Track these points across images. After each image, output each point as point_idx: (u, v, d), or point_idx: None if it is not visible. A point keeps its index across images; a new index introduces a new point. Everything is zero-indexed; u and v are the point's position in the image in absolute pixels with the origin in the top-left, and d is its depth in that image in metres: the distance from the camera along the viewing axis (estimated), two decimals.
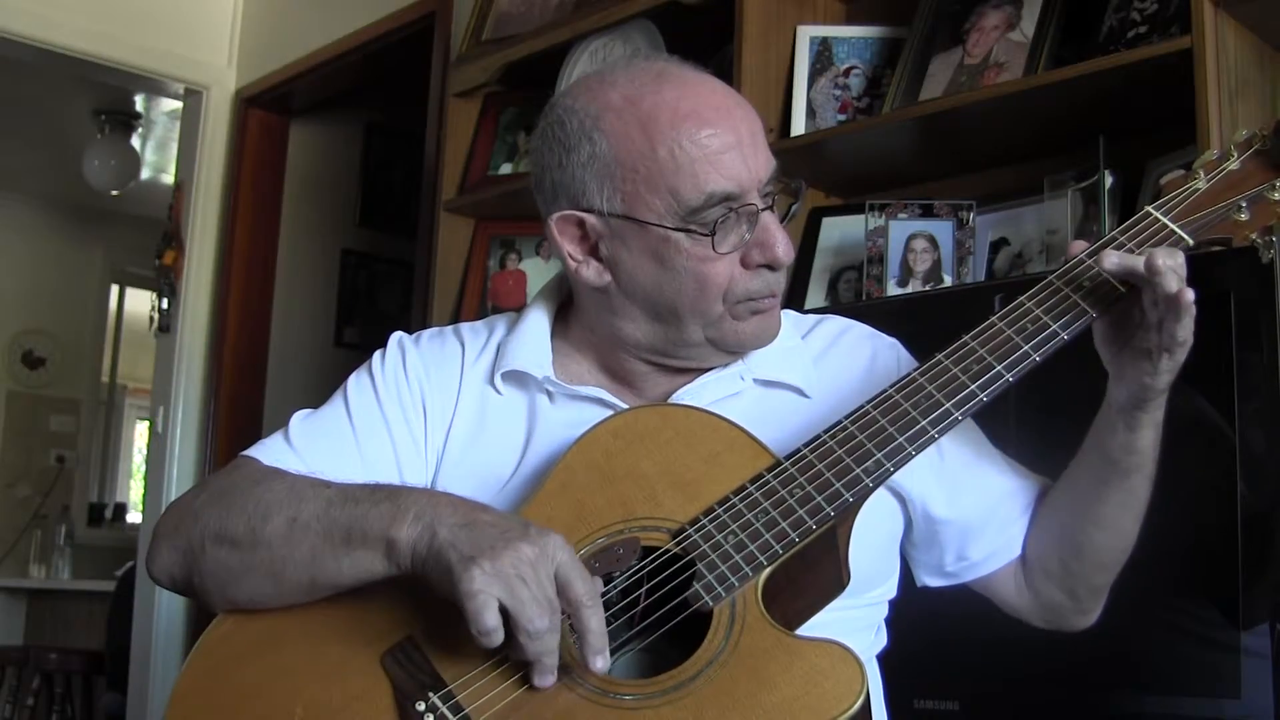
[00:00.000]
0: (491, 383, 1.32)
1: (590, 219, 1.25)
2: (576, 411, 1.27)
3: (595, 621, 1.04)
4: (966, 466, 1.31)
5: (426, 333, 1.40)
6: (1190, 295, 1.09)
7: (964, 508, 1.30)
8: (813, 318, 1.40)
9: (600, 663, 1.04)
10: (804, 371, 1.32)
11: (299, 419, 1.32)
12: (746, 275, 1.23)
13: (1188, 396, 1.68)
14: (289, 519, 1.15)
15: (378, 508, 1.12)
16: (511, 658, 1.06)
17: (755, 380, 1.30)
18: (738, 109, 1.24)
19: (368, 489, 1.16)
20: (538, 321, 1.35)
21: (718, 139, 1.20)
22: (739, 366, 1.30)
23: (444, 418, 1.31)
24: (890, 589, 1.32)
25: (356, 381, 1.34)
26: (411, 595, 1.13)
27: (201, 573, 1.20)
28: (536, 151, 1.30)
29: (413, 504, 1.11)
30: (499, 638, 1.02)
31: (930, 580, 1.36)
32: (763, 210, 1.22)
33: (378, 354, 1.37)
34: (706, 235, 1.20)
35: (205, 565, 1.19)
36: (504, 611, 1.02)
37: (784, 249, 1.23)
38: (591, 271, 1.27)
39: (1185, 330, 1.11)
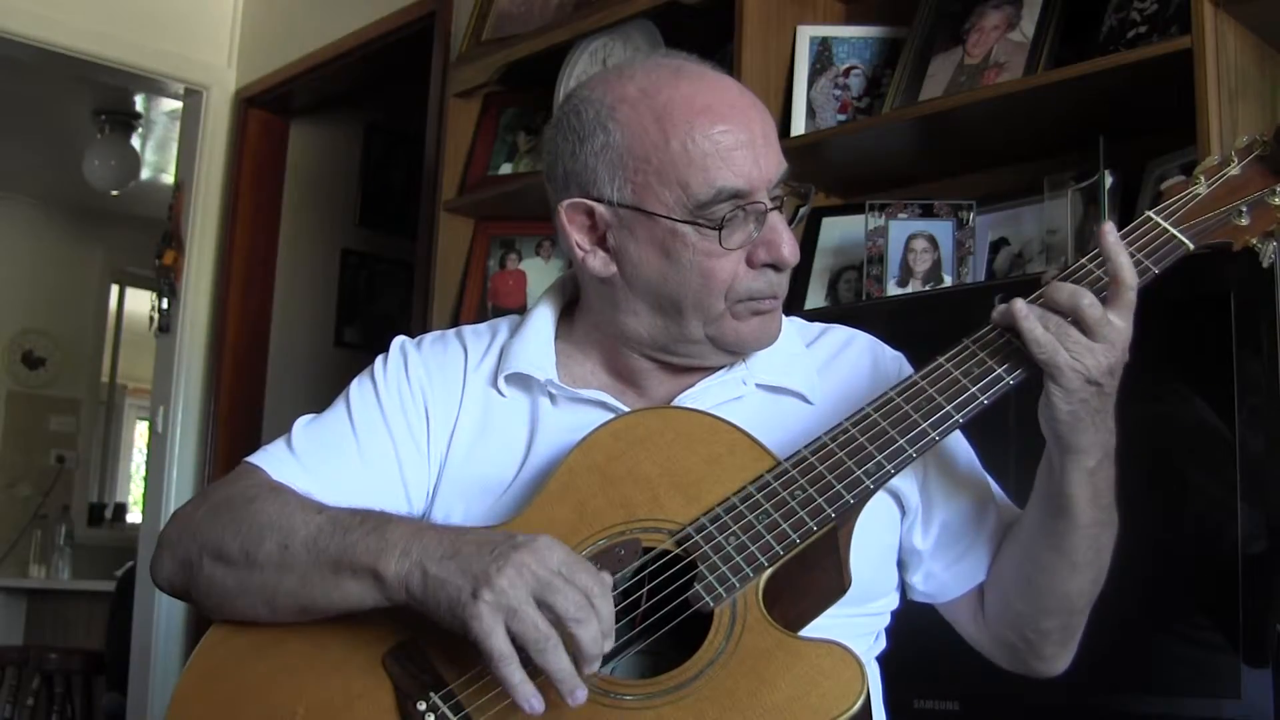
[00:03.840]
0: (495, 385, 1.32)
1: (600, 208, 1.25)
2: (578, 414, 1.27)
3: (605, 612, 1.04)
4: (944, 494, 1.30)
5: (428, 336, 1.40)
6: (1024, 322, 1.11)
7: (934, 531, 1.30)
8: (818, 326, 1.40)
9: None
10: (807, 378, 1.32)
11: (301, 425, 1.32)
12: (750, 274, 1.23)
13: (1187, 399, 1.69)
14: (280, 545, 1.15)
15: (365, 540, 1.11)
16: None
17: (758, 385, 1.30)
18: (752, 108, 1.24)
19: (358, 517, 1.15)
20: (541, 323, 1.35)
21: (730, 135, 1.20)
22: (741, 371, 1.30)
23: (447, 422, 1.31)
24: (893, 600, 1.32)
25: (358, 387, 1.34)
26: None
27: (198, 587, 1.21)
28: (550, 141, 1.30)
29: (399, 538, 1.10)
30: (517, 668, 1.02)
31: (912, 596, 1.36)
32: (771, 210, 1.23)
33: (379, 359, 1.36)
34: (714, 230, 1.20)
35: (202, 580, 1.20)
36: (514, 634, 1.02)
37: (790, 249, 1.23)
38: (598, 261, 1.27)
39: (1046, 351, 1.10)
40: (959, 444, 1.33)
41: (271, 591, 1.15)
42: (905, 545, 1.31)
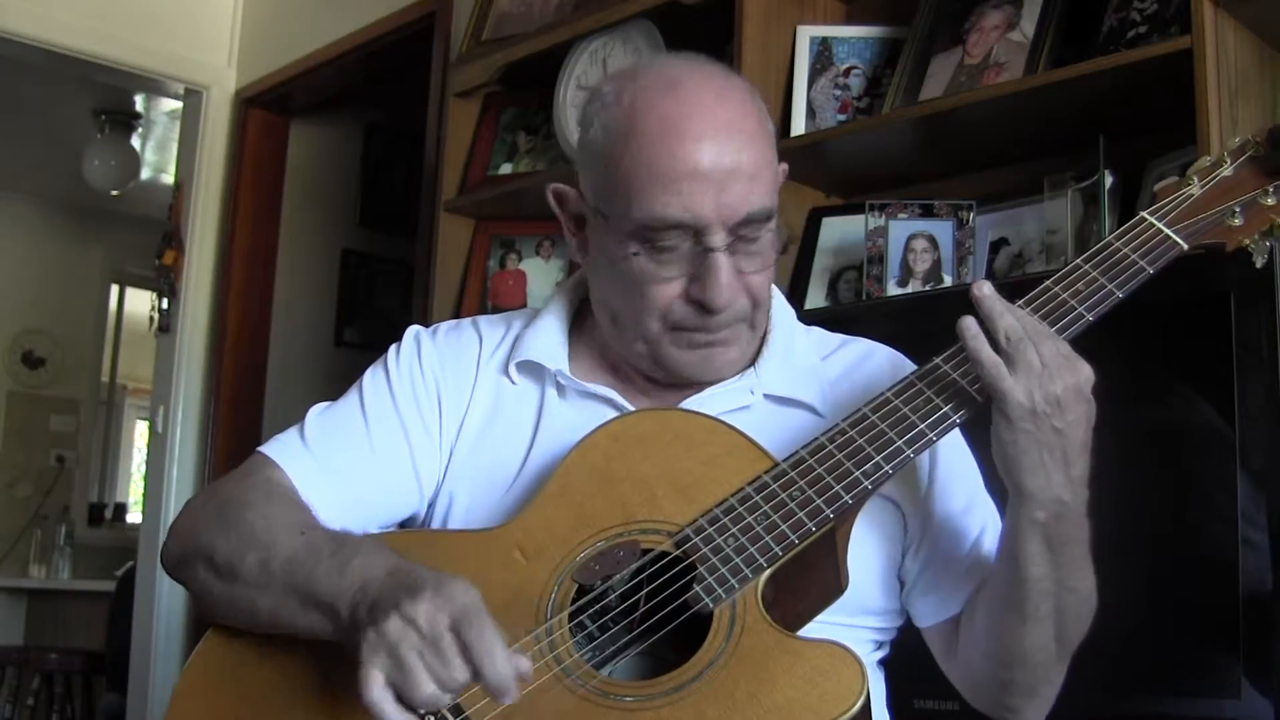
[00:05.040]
0: (506, 373, 1.32)
1: (575, 196, 1.27)
2: (585, 410, 1.27)
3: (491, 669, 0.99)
4: (933, 520, 1.27)
5: (444, 325, 1.40)
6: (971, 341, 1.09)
7: (921, 554, 1.28)
8: (838, 339, 1.38)
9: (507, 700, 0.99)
10: (818, 390, 1.30)
11: (315, 414, 1.32)
12: (683, 306, 1.21)
13: (1190, 400, 1.69)
14: (261, 562, 1.14)
15: (329, 576, 1.08)
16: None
17: (765, 396, 1.29)
18: (733, 140, 1.18)
19: (332, 544, 1.12)
20: (556, 314, 1.36)
21: (688, 165, 1.16)
22: (750, 380, 1.29)
23: (458, 410, 1.31)
24: (895, 615, 1.30)
25: (372, 377, 1.34)
26: None
27: (188, 581, 1.22)
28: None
29: (357, 576, 1.07)
30: (388, 709, 0.98)
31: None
32: (719, 251, 1.18)
33: (393, 348, 1.36)
34: (654, 252, 1.19)
35: (195, 584, 1.21)
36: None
37: (718, 297, 1.19)
38: (576, 246, 1.29)
39: (989, 374, 1.08)
40: (962, 470, 1.30)
41: (250, 606, 1.15)
42: (902, 561, 1.30)
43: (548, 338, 1.33)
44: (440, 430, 1.30)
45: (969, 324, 1.11)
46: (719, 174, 1.17)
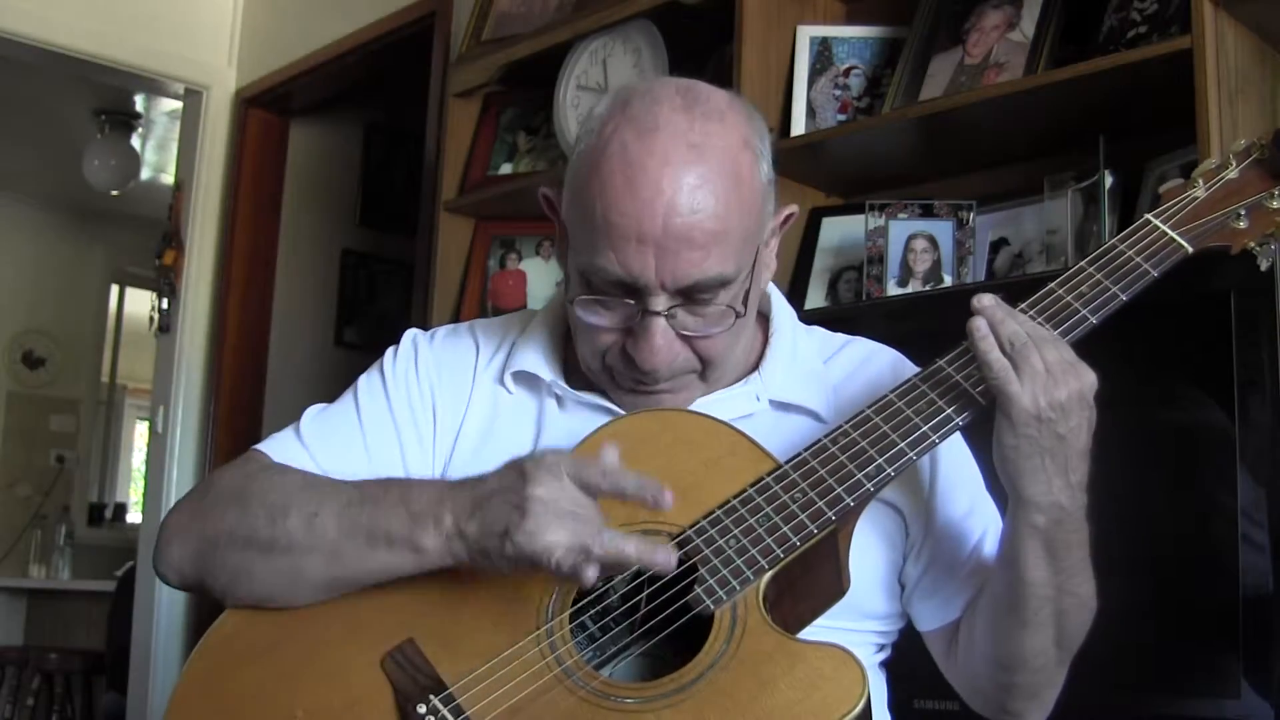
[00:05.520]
0: (502, 382, 1.32)
1: (559, 203, 1.26)
2: (584, 418, 1.27)
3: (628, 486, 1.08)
4: (936, 525, 1.27)
5: (442, 330, 1.39)
6: (981, 343, 1.09)
7: (923, 559, 1.27)
8: (840, 339, 1.37)
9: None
10: (821, 395, 1.29)
11: (311, 415, 1.32)
12: (620, 358, 1.21)
13: (1189, 399, 1.69)
14: (308, 516, 1.15)
15: (393, 511, 1.12)
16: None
17: (771, 402, 1.28)
18: (692, 201, 1.12)
19: (380, 487, 1.16)
20: (550, 321, 1.35)
21: (634, 225, 1.12)
22: (756, 385, 1.28)
23: (454, 418, 1.30)
24: (897, 619, 1.30)
25: (368, 380, 1.34)
26: (413, 597, 1.13)
27: (214, 571, 1.19)
28: None
29: (425, 507, 1.11)
30: (591, 572, 1.04)
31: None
32: (657, 315, 1.16)
33: (390, 351, 1.36)
34: (597, 298, 1.18)
35: (218, 563, 1.19)
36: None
37: (648, 360, 1.18)
38: (559, 251, 1.27)
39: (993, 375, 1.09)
40: (964, 474, 1.29)
41: (298, 564, 1.14)
42: (903, 566, 1.29)
43: (542, 347, 1.32)
44: (434, 436, 1.30)
45: (979, 325, 1.11)
46: (670, 238, 1.12)
